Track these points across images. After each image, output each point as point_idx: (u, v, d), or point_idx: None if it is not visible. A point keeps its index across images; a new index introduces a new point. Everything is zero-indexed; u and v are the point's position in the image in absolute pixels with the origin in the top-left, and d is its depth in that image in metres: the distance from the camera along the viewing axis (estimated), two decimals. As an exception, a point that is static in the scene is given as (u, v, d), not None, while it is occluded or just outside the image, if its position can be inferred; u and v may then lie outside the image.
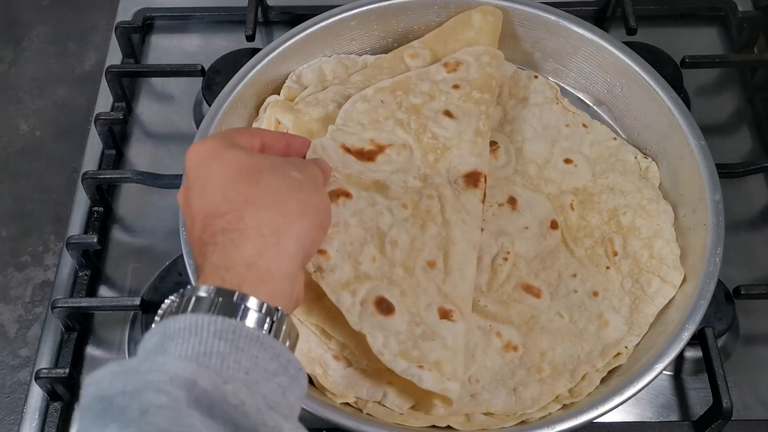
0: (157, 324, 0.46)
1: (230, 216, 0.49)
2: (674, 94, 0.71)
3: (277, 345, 0.46)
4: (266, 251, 0.48)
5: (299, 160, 0.57)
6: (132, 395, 0.40)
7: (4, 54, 0.98)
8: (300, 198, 0.51)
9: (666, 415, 0.69)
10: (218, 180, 0.51)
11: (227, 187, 0.50)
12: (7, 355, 0.77)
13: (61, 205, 0.85)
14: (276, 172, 0.52)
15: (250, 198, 0.49)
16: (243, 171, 0.51)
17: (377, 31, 0.78)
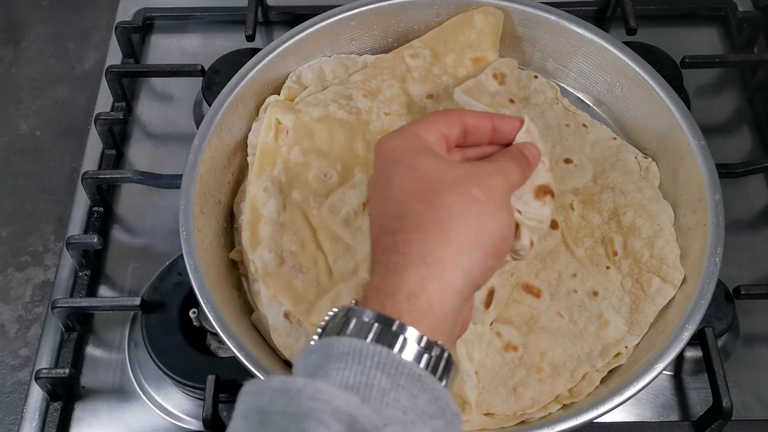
0: (318, 341, 0.45)
1: (398, 237, 0.46)
2: (674, 94, 0.71)
3: (437, 387, 0.43)
4: (428, 283, 0.45)
5: (483, 171, 0.49)
6: (293, 418, 0.39)
7: (4, 54, 0.98)
8: (474, 224, 0.46)
9: (666, 415, 0.69)
10: (395, 191, 0.48)
11: (401, 203, 0.47)
12: (7, 355, 0.77)
13: (61, 205, 0.85)
14: (454, 191, 0.47)
15: (422, 221, 0.46)
16: (421, 186, 0.47)
17: (377, 31, 0.78)
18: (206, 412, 0.65)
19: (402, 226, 0.46)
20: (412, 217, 0.46)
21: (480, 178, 0.48)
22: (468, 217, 0.46)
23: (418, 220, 0.46)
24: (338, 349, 0.42)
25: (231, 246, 0.70)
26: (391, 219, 0.47)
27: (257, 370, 0.59)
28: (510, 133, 0.55)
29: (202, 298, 0.61)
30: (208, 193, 0.68)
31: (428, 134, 0.51)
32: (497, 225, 0.48)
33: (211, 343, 0.72)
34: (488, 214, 0.47)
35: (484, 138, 0.54)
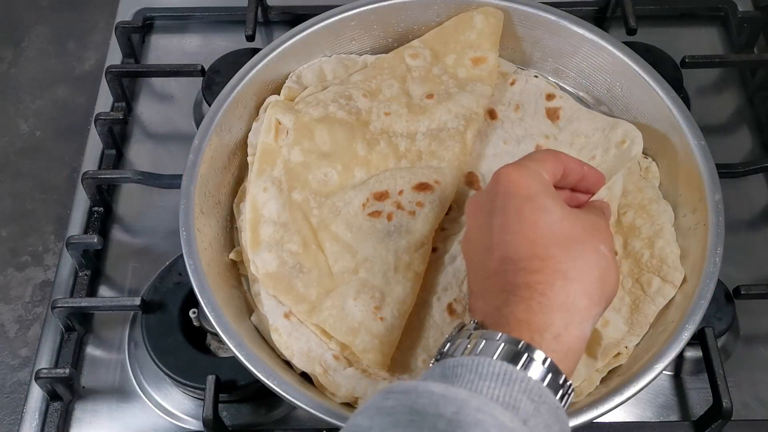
0: (466, 357, 0.47)
1: (539, 277, 0.49)
2: (674, 94, 0.71)
3: (565, 421, 0.46)
4: (571, 329, 0.48)
5: (602, 228, 0.54)
6: (457, 425, 0.40)
7: (4, 54, 0.98)
8: (604, 279, 0.51)
9: (666, 415, 0.69)
10: (528, 229, 0.50)
11: (537, 243, 0.50)
12: (7, 355, 0.77)
13: (61, 205, 0.85)
14: (586, 245, 0.51)
15: (561, 267, 0.49)
16: (556, 232, 0.50)
17: (377, 31, 0.78)
18: (206, 412, 0.65)
19: (542, 267, 0.49)
20: (552, 259, 0.49)
21: (602, 234, 0.53)
22: (598, 271, 0.51)
23: (557, 265, 0.49)
24: (488, 369, 0.45)
25: (231, 246, 0.70)
26: (525, 256, 0.50)
27: (257, 370, 0.59)
28: (594, 185, 0.60)
29: (202, 298, 0.61)
30: (208, 193, 0.68)
31: (546, 173, 0.54)
32: (615, 280, 0.52)
33: (211, 343, 0.72)
34: (611, 270, 0.52)
35: (573, 183, 0.59)
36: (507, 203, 0.52)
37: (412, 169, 0.69)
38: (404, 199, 0.67)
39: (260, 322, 0.66)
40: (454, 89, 0.73)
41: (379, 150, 0.70)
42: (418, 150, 0.70)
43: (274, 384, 0.58)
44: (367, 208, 0.67)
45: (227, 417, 0.69)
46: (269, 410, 0.70)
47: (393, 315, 0.62)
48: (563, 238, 0.50)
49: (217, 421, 0.65)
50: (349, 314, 0.62)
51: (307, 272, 0.64)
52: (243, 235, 0.68)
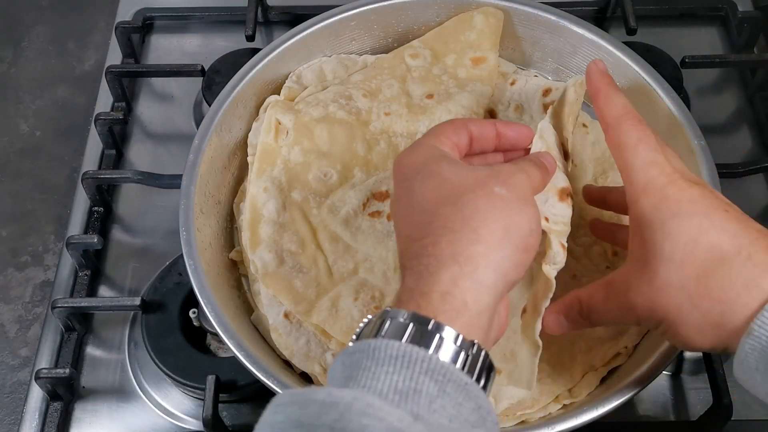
0: (359, 341, 0.44)
1: (426, 241, 0.46)
2: (674, 94, 0.71)
3: (480, 396, 0.43)
4: (461, 281, 0.45)
5: (505, 171, 0.50)
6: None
7: (4, 54, 0.98)
8: (501, 220, 0.47)
9: (666, 415, 0.69)
10: (419, 201, 0.49)
11: (427, 211, 0.48)
12: (7, 355, 0.77)
13: (61, 205, 0.85)
14: (478, 191, 0.48)
15: (448, 222, 0.46)
16: (444, 191, 0.48)
17: (377, 31, 0.78)
18: (206, 412, 0.65)
19: (430, 231, 0.47)
20: (439, 220, 0.47)
21: (502, 177, 0.49)
22: (494, 213, 0.47)
23: (444, 221, 0.47)
24: (385, 352, 0.42)
25: (231, 246, 0.70)
26: (418, 227, 0.48)
27: (257, 370, 0.59)
28: (516, 139, 0.57)
29: (202, 298, 0.61)
30: (208, 193, 0.68)
31: (442, 144, 0.52)
32: (524, 218, 0.48)
33: (211, 343, 0.72)
34: (514, 209, 0.48)
35: (490, 145, 0.56)
36: (402, 187, 0.51)
37: None
38: None
39: (260, 321, 0.66)
40: (454, 89, 0.73)
41: (379, 150, 0.70)
42: None
43: (274, 384, 0.58)
44: (367, 208, 0.67)
45: (227, 417, 0.69)
46: (269, 410, 0.70)
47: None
48: (449, 195, 0.48)
49: (217, 421, 0.65)
50: (349, 314, 0.62)
51: (306, 272, 0.64)
52: (243, 234, 0.68)
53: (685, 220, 0.48)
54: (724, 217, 0.49)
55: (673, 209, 0.49)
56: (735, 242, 0.48)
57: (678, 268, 0.48)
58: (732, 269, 0.47)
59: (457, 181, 0.49)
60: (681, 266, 0.48)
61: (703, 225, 0.48)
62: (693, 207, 0.49)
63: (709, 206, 0.49)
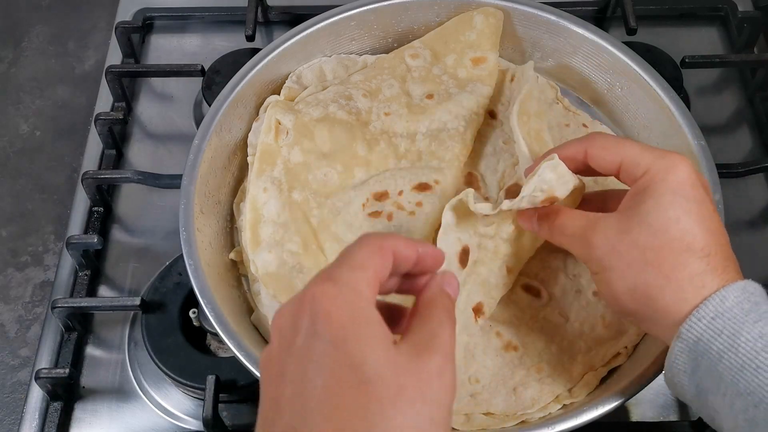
0: None
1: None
2: (674, 94, 0.71)
3: None
4: None
5: (435, 374, 0.41)
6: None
7: (4, 54, 0.98)
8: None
9: (666, 415, 0.69)
10: (328, 390, 0.38)
11: (335, 416, 0.38)
12: (7, 355, 0.77)
13: (61, 205, 0.85)
14: (403, 413, 0.38)
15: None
16: (365, 395, 0.38)
17: (377, 31, 0.78)
18: (206, 412, 0.65)
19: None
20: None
21: (433, 385, 0.40)
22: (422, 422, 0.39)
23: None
24: None
25: (231, 246, 0.70)
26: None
27: (257, 371, 0.59)
28: (432, 266, 0.48)
29: (202, 298, 0.61)
30: (208, 193, 0.68)
31: (369, 286, 0.42)
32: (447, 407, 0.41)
33: (211, 343, 0.72)
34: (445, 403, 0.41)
35: (407, 270, 0.47)
36: (310, 345, 0.39)
37: (411, 169, 0.69)
38: (404, 199, 0.67)
39: (260, 321, 0.66)
40: (454, 89, 0.73)
41: (379, 150, 0.70)
42: (418, 150, 0.70)
43: (274, 384, 0.58)
44: (367, 208, 0.67)
45: (227, 417, 0.69)
46: (269, 410, 0.70)
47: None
48: (372, 410, 0.38)
49: (217, 421, 0.65)
50: None
51: (307, 272, 0.64)
52: (243, 235, 0.68)
53: (681, 200, 0.51)
54: (711, 213, 0.52)
55: (674, 187, 0.52)
56: (706, 238, 0.51)
57: (650, 234, 0.51)
58: (689, 259, 0.50)
59: (383, 387, 0.39)
60: (654, 234, 0.51)
61: (692, 211, 0.51)
62: (693, 191, 0.52)
63: (704, 198, 0.53)
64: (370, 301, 0.42)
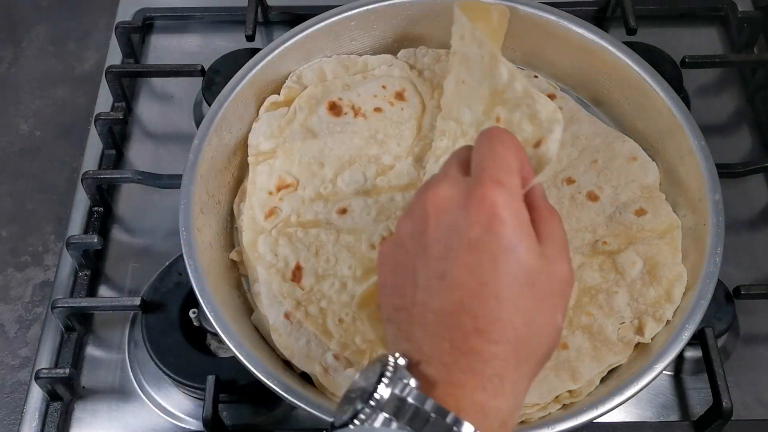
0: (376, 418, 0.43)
1: (497, 349, 0.43)
2: (674, 94, 0.71)
3: None
4: (515, 415, 0.45)
5: (565, 288, 0.48)
6: None
7: (4, 54, 0.98)
8: (547, 356, 0.47)
9: (666, 415, 0.69)
10: (498, 284, 0.44)
11: (503, 305, 0.44)
12: (7, 355, 0.77)
13: (61, 205, 0.85)
14: (547, 317, 0.46)
15: (519, 344, 0.44)
16: (524, 294, 0.44)
17: (377, 31, 0.78)
18: (206, 412, 0.65)
19: (500, 338, 0.44)
20: (511, 332, 0.44)
21: (563, 296, 0.48)
22: (547, 350, 0.47)
23: (516, 342, 0.44)
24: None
25: (231, 246, 0.70)
26: (487, 316, 0.44)
27: (257, 371, 0.59)
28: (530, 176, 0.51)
29: (202, 298, 0.61)
30: (208, 193, 0.68)
31: (521, 190, 0.47)
32: (552, 352, 0.48)
33: (211, 343, 0.72)
34: (554, 345, 0.48)
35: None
36: (486, 241, 0.44)
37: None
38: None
39: (260, 322, 0.66)
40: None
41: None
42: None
43: (274, 384, 0.58)
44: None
45: (227, 417, 0.69)
46: (269, 410, 0.70)
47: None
48: (527, 306, 0.44)
49: (217, 421, 0.65)
50: None
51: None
52: (243, 235, 0.68)
53: None
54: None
55: None
56: None
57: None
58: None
59: (537, 288, 0.45)
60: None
61: None
62: None
63: None
64: (524, 204, 0.47)
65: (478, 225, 0.44)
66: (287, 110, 0.73)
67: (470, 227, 0.44)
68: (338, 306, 0.64)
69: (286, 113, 0.73)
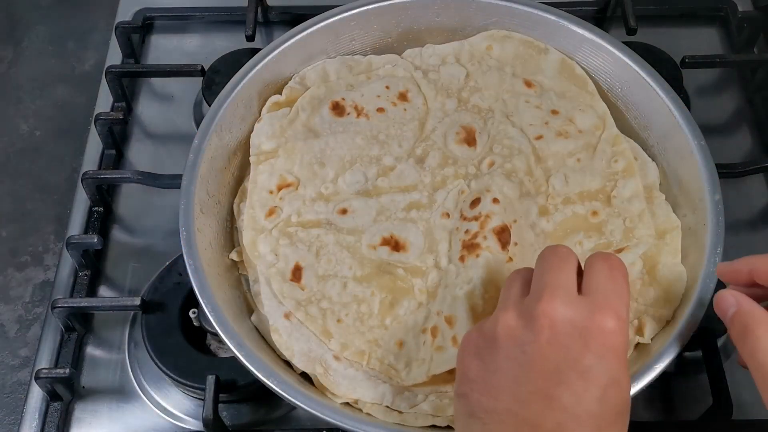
0: None
1: None
2: (674, 94, 0.71)
3: None
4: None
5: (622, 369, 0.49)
6: None
7: (4, 54, 0.98)
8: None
9: (666, 415, 0.69)
10: (602, 418, 0.46)
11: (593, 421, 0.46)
12: (7, 355, 0.77)
13: (61, 205, 0.85)
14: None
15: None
16: (620, 417, 0.48)
17: (377, 31, 0.78)
18: (206, 412, 0.65)
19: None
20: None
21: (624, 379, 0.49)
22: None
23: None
24: None
25: (231, 246, 0.70)
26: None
27: (257, 370, 0.59)
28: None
29: (202, 298, 0.61)
30: (208, 193, 0.68)
31: (628, 314, 0.51)
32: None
33: (211, 343, 0.72)
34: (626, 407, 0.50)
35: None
36: (598, 366, 0.47)
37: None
38: None
39: (260, 322, 0.66)
40: None
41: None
42: None
43: (274, 384, 0.58)
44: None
45: (227, 417, 0.69)
46: (269, 410, 0.70)
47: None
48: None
49: (217, 421, 0.65)
50: None
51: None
52: (243, 234, 0.68)
53: None
54: None
55: None
56: None
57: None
58: None
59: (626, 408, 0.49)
60: None
61: None
62: None
63: None
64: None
65: (592, 355, 0.46)
66: (289, 110, 0.73)
67: (584, 355, 0.46)
68: (338, 306, 0.64)
69: (288, 113, 0.73)
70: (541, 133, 0.71)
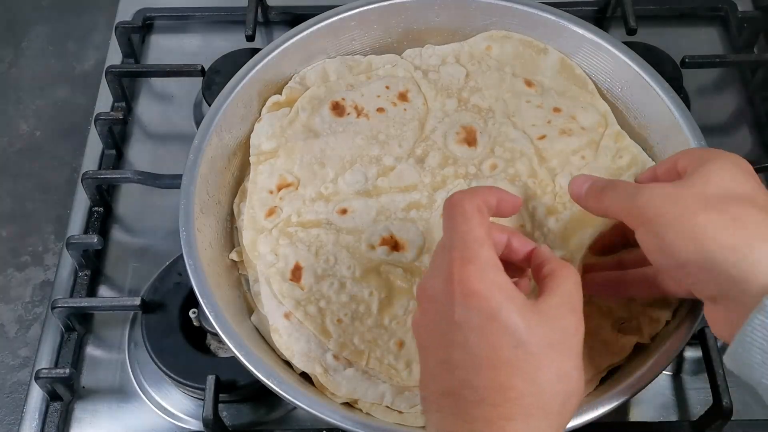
0: None
1: (500, 411, 0.45)
2: (674, 94, 0.71)
3: None
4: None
5: (572, 335, 0.48)
6: None
7: (4, 54, 0.99)
8: (565, 406, 0.47)
9: (666, 415, 0.69)
10: (491, 353, 0.46)
11: (499, 370, 0.45)
12: (7, 355, 0.78)
13: (61, 205, 0.85)
14: (552, 369, 0.46)
15: (523, 401, 0.45)
16: (519, 357, 0.45)
17: (378, 31, 0.78)
18: (206, 412, 0.65)
19: (502, 401, 0.46)
20: (513, 393, 0.45)
21: (571, 344, 0.48)
22: (561, 400, 0.47)
23: (518, 399, 0.45)
24: None
25: (231, 246, 0.70)
26: (486, 386, 0.46)
27: (257, 370, 0.59)
28: (511, 211, 0.54)
29: (202, 298, 0.61)
30: (208, 193, 0.68)
31: (495, 255, 0.48)
32: (577, 400, 0.49)
33: (211, 343, 0.72)
34: (575, 394, 0.48)
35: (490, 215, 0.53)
36: (468, 318, 0.46)
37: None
38: None
39: (260, 322, 0.66)
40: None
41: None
42: None
43: (274, 384, 0.58)
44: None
45: (227, 417, 0.69)
46: (269, 410, 0.70)
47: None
48: (527, 366, 0.46)
49: (217, 421, 0.65)
50: None
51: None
52: (243, 234, 0.68)
53: (740, 171, 0.52)
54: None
55: (734, 160, 0.54)
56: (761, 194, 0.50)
57: (711, 185, 0.49)
58: (759, 214, 0.47)
59: (533, 347, 0.46)
60: (716, 185, 0.49)
61: (752, 179, 0.52)
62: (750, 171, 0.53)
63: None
64: (501, 269, 0.48)
65: (458, 306, 0.47)
66: (289, 110, 0.73)
67: (452, 310, 0.47)
68: (337, 306, 0.64)
69: (288, 113, 0.73)
70: (544, 132, 0.71)
